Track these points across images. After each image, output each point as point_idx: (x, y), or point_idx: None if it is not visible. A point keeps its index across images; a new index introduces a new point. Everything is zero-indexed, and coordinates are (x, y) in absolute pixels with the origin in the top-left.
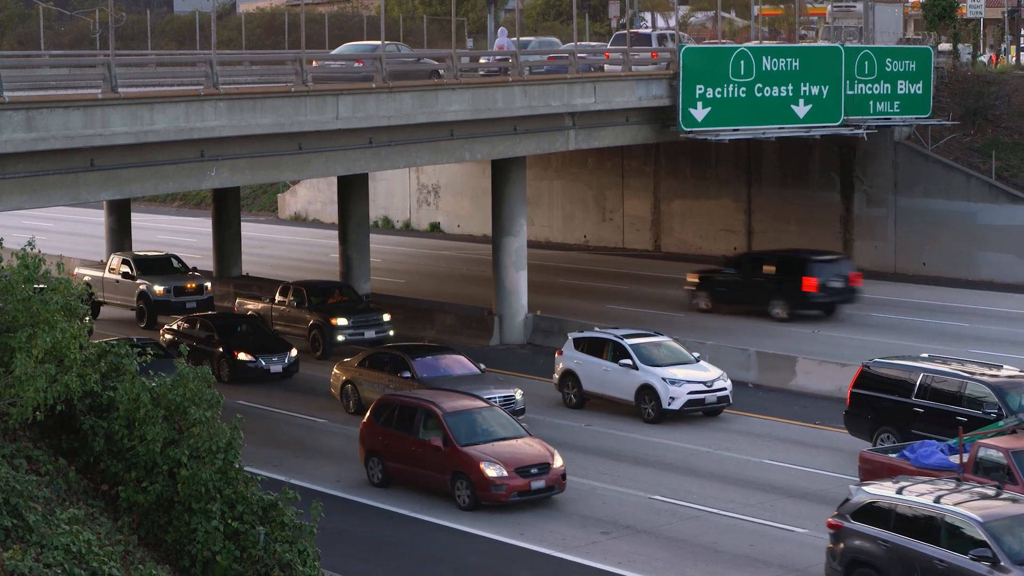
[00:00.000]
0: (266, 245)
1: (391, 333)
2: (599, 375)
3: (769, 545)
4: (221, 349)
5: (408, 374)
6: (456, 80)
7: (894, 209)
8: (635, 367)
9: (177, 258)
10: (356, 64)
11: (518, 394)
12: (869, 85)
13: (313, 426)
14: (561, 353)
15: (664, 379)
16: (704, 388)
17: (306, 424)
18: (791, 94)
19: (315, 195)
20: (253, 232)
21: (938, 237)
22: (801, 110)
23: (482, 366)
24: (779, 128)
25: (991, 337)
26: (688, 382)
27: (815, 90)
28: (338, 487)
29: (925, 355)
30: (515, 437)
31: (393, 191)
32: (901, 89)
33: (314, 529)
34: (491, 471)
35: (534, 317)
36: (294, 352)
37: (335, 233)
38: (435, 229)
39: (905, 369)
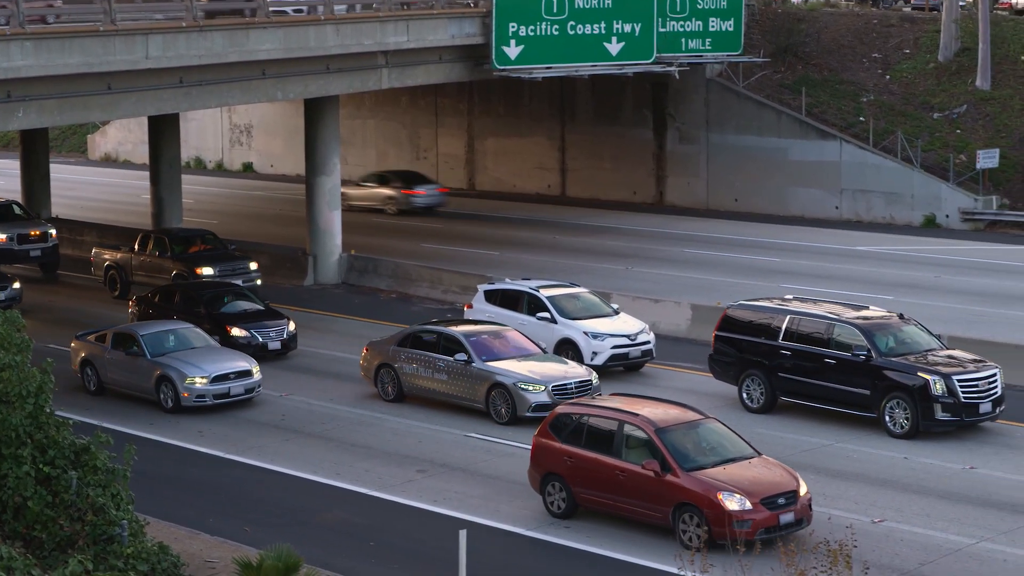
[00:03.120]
0: (76, 187)
1: (259, 282)
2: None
3: None
4: (208, 325)
5: (464, 357)
6: (267, 19)
7: (706, 146)
8: (554, 321)
9: (19, 204)
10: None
11: (594, 377)
12: (681, 23)
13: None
14: (470, 307)
15: (586, 333)
16: (628, 342)
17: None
18: (604, 32)
19: (126, 136)
20: (63, 174)
21: (750, 173)
22: (614, 48)
23: (543, 344)
24: (592, 66)
25: (802, 271)
26: (611, 336)
27: (627, 28)
28: (152, 430)
29: (789, 296)
30: (745, 457)
31: (205, 131)
32: (713, 26)
33: (127, 472)
34: (731, 503)
35: (349, 257)
36: (292, 325)
37: (147, 174)
38: (248, 169)
39: (771, 312)
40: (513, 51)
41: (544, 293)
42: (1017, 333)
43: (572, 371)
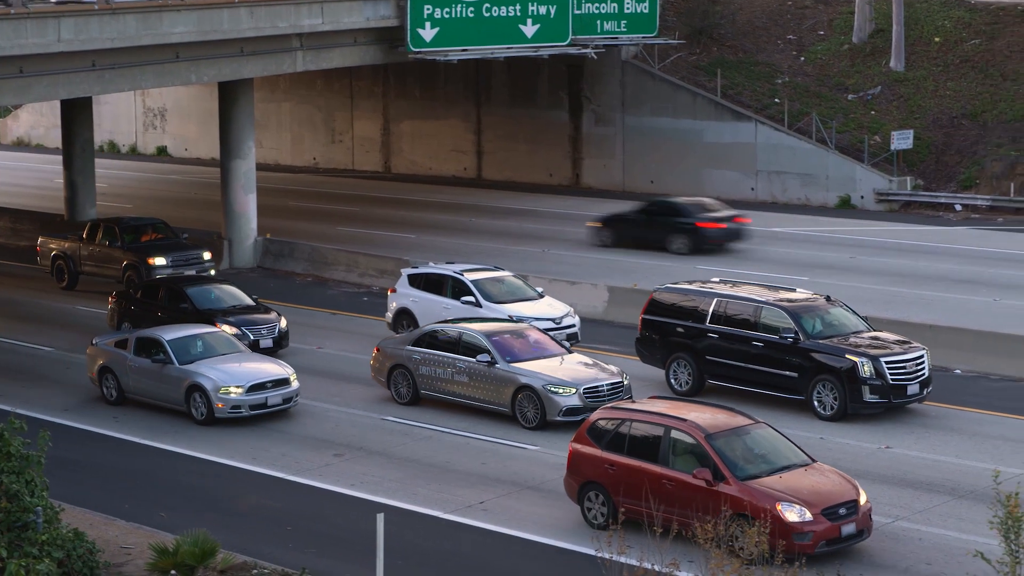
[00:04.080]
0: None
1: (213, 272)
2: (439, 313)
3: (501, 462)
4: (195, 322)
5: (487, 358)
6: (181, 1)
7: (622, 128)
8: (478, 305)
9: None
10: None
11: (625, 378)
12: (596, 5)
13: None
14: (394, 291)
15: (510, 316)
16: (553, 325)
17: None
18: (519, 14)
19: (38, 119)
20: None
21: (665, 155)
22: (529, 30)
23: (567, 344)
24: (507, 48)
25: (717, 254)
26: (536, 319)
27: (543, 10)
28: (67, 416)
29: (715, 279)
30: (799, 464)
31: (119, 115)
32: (628, 8)
33: (42, 459)
34: (791, 515)
35: (264, 240)
36: (284, 322)
37: (60, 159)
38: (162, 153)
39: (698, 295)
40: (428, 33)
41: (468, 277)
42: (931, 313)
43: (602, 372)
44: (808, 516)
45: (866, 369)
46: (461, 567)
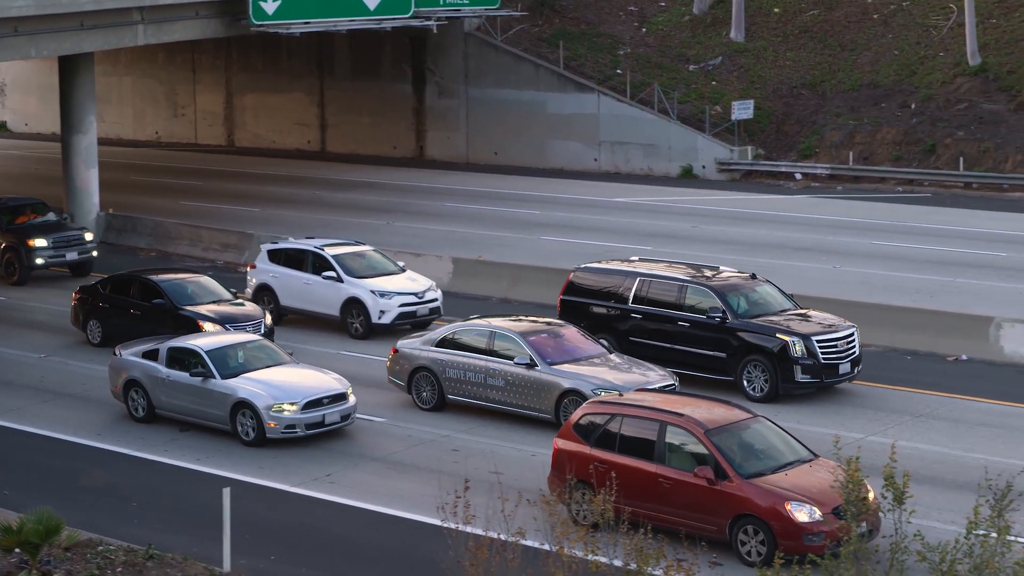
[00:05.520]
0: None
1: (94, 254)
2: (300, 289)
3: (347, 434)
4: (173, 320)
5: (525, 360)
6: None
7: (465, 100)
8: (340, 280)
9: None
10: None
11: (675, 380)
12: None
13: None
14: (253, 267)
15: (373, 292)
16: (416, 300)
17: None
18: None
19: None
20: None
21: (509, 127)
22: (372, 2)
23: (604, 342)
24: (350, 20)
25: (562, 223)
26: (399, 294)
27: None
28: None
29: (634, 258)
30: (804, 460)
31: None
32: None
33: None
34: (801, 515)
35: (107, 216)
36: (269, 318)
37: None
38: (2, 128)
39: (619, 275)
40: (270, 6)
41: (329, 252)
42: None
43: (651, 375)
44: (819, 515)
45: (797, 348)
46: (308, 539)
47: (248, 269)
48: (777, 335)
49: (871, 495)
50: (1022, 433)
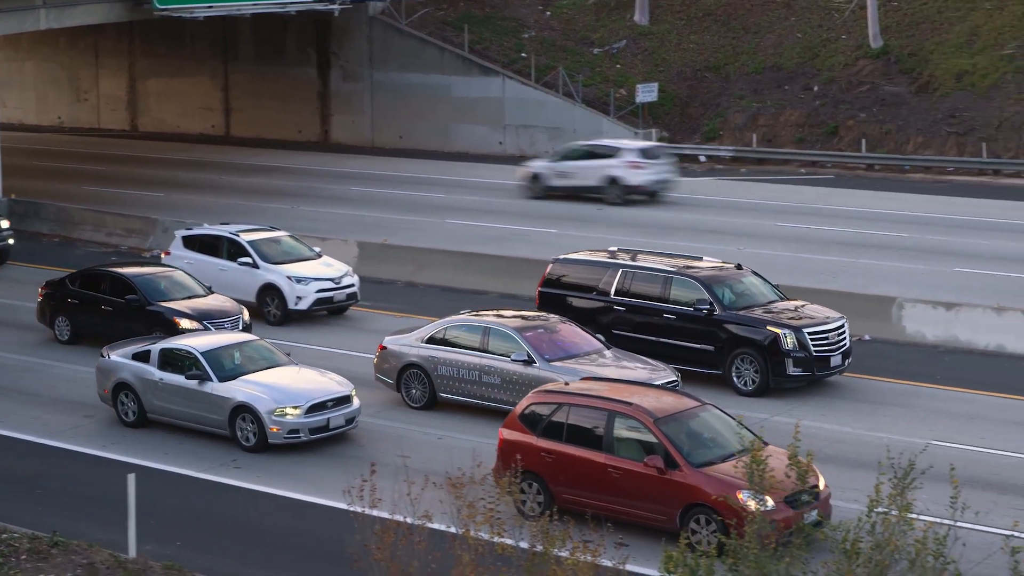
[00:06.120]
0: None
1: (11, 242)
2: (215, 275)
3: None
4: (146, 318)
5: (522, 357)
6: None
7: (371, 84)
8: (256, 266)
9: None
10: None
11: (678, 376)
12: None
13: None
14: (168, 253)
15: (290, 277)
16: (332, 285)
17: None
18: None
19: None
20: None
21: (414, 110)
22: None
23: (601, 337)
24: (254, 4)
25: (468, 207)
26: (316, 279)
27: None
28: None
29: (613, 248)
30: (755, 449)
31: None
32: None
33: None
34: (754, 503)
35: (8, 201)
36: (247, 314)
37: None
38: None
39: (601, 266)
40: None
41: (244, 237)
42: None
43: (657, 372)
44: (771, 504)
45: (789, 341)
46: (214, 525)
47: (163, 256)
48: (767, 327)
49: (822, 483)
50: (924, 412)
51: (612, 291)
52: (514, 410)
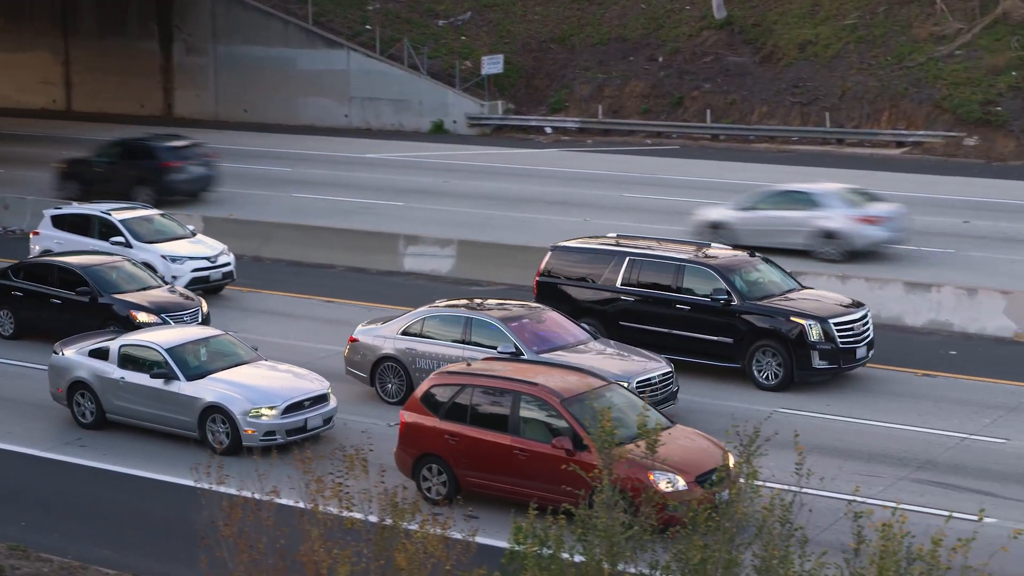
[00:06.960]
0: None
1: None
2: None
3: None
4: (99, 312)
5: (510, 348)
6: None
7: (214, 57)
8: (128, 245)
9: None
10: None
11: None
12: None
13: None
14: (37, 233)
15: (164, 256)
16: (208, 264)
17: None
18: None
19: None
20: None
21: (259, 84)
22: None
23: (585, 325)
24: None
25: (315, 180)
26: (191, 258)
27: None
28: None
29: (612, 234)
30: (662, 428)
31: None
32: None
33: None
34: (664, 483)
35: None
36: (205, 306)
37: None
38: None
39: (606, 254)
40: None
41: (116, 216)
42: (524, 235)
43: (652, 363)
44: (682, 485)
45: (815, 332)
46: (60, 504)
47: (31, 236)
48: (792, 318)
49: (732, 462)
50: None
51: (618, 281)
52: (415, 392)
